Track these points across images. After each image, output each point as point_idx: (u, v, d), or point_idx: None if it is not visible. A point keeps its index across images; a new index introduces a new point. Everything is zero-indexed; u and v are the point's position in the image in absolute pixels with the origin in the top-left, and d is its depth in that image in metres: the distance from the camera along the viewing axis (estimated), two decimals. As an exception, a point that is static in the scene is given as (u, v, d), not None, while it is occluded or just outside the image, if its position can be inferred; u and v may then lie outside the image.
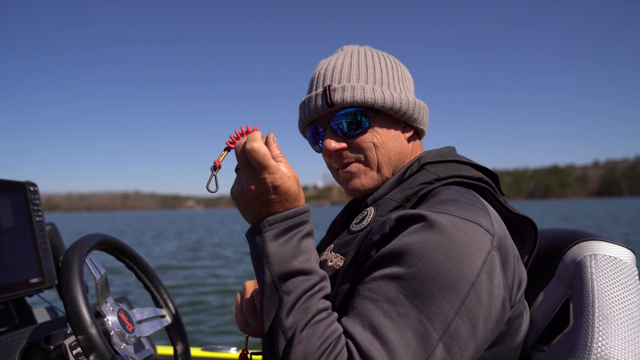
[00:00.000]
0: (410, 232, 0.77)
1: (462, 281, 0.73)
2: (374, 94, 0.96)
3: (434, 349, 0.70)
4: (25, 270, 1.45)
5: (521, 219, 0.96)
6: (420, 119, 1.04)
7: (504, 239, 0.83)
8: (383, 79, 1.00)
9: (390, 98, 0.97)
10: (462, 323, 0.73)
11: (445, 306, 0.72)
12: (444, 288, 0.72)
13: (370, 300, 0.74)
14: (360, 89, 0.97)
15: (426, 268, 0.73)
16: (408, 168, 0.98)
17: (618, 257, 0.93)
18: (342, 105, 0.97)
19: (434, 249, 0.74)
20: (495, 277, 0.77)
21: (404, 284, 0.73)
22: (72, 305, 0.94)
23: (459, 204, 0.83)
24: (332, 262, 0.91)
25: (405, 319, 0.71)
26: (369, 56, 1.03)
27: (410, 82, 1.07)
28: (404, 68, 1.07)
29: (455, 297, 0.72)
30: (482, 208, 0.85)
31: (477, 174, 0.96)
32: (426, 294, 0.72)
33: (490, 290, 0.76)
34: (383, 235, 0.80)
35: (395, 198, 0.92)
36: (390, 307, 0.72)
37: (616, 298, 0.88)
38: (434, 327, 0.71)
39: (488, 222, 0.81)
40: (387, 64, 1.03)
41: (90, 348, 0.93)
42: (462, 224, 0.77)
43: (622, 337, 0.84)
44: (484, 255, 0.76)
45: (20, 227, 1.48)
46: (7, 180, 1.47)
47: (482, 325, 0.75)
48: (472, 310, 0.74)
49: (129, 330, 1.11)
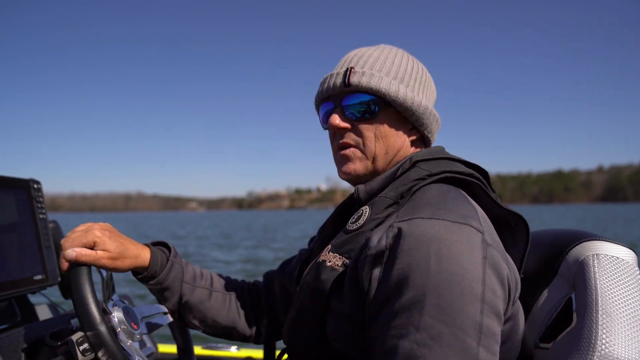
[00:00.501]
0: (408, 249, 0.78)
1: (473, 281, 0.74)
2: (389, 86, 0.99)
3: (477, 355, 0.71)
4: (29, 267, 1.46)
5: (512, 215, 0.97)
6: (428, 125, 1.05)
7: (493, 235, 0.85)
8: (405, 77, 1.02)
9: (403, 94, 0.99)
10: (490, 319, 0.74)
11: (469, 310, 0.73)
12: (461, 294, 0.73)
13: (400, 338, 0.74)
14: (379, 78, 0.99)
15: (436, 281, 0.74)
16: (400, 166, 0.99)
17: (620, 256, 0.95)
18: (357, 88, 0.99)
19: (436, 260, 0.75)
20: (499, 267, 0.79)
21: (422, 305, 0.73)
22: (82, 303, 0.95)
23: (448, 205, 0.84)
24: (330, 263, 0.92)
25: (440, 340, 0.71)
26: (399, 55, 1.06)
27: (431, 91, 1.08)
28: (429, 77, 1.09)
29: (474, 298, 0.73)
30: (469, 208, 0.87)
31: (467, 169, 0.98)
32: (448, 306, 0.72)
33: (501, 279, 0.79)
34: (379, 251, 0.81)
35: (390, 195, 0.93)
36: (422, 334, 0.72)
37: (619, 296, 0.89)
38: (468, 335, 0.71)
39: (477, 221, 0.83)
40: (413, 67, 1.05)
41: (99, 344, 0.94)
42: (454, 227, 0.79)
43: (625, 335, 0.86)
44: (482, 251, 0.78)
45: (23, 224, 1.48)
46: (11, 177, 1.47)
47: (502, 312, 0.78)
48: (493, 304, 0.75)
49: (134, 328, 1.12)
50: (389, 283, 0.78)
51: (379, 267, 0.81)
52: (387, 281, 0.78)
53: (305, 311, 0.96)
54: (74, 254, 0.98)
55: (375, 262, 0.81)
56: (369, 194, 0.99)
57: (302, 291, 0.97)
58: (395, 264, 0.78)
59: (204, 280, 1.23)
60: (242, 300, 1.28)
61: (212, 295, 1.23)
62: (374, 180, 1.00)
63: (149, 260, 1.12)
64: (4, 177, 1.44)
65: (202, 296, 1.20)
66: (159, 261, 1.14)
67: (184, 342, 1.49)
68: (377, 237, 0.83)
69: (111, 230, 1.07)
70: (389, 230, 0.82)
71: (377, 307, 0.80)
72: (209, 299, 1.22)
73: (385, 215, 0.91)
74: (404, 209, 0.88)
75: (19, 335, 1.14)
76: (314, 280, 0.93)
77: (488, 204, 0.97)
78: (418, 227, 0.79)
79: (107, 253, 1.02)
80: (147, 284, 1.15)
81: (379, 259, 0.81)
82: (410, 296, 0.75)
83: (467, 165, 1.00)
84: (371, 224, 0.90)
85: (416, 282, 0.75)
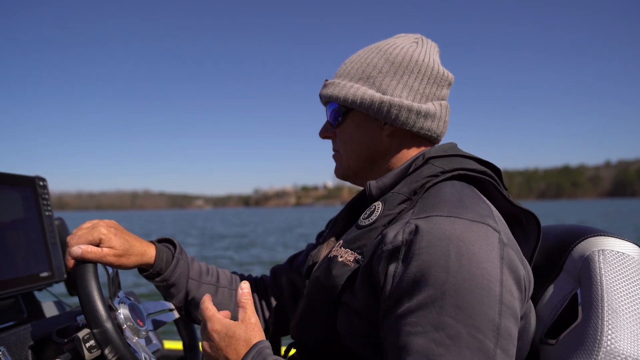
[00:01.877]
0: (427, 246, 0.77)
1: (492, 282, 0.74)
2: (346, 91, 1.01)
3: (495, 357, 0.71)
4: (35, 264, 1.47)
5: (524, 213, 0.97)
6: (400, 119, 0.99)
7: (508, 234, 0.85)
8: (372, 74, 1.01)
9: (361, 96, 1.00)
10: (507, 321, 0.74)
11: (488, 311, 0.72)
12: (480, 295, 0.73)
13: (418, 335, 0.73)
14: (342, 86, 1.03)
15: (456, 280, 0.73)
16: (412, 162, 0.99)
17: (625, 252, 0.94)
18: (325, 99, 1.07)
19: (456, 259, 0.75)
20: (516, 268, 0.79)
21: (441, 304, 0.73)
22: (88, 300, 0.96)
23: (465, 204, 0.84)
24: (342, 258, 0.92)
25: (458, 340, 0.71)
26: (374, 52, 1.03)
27: (419, 81, 1.01)
28: (414, 66, 1.00)
29: (493, 299, 0.73)
30: (485, 206, 0.86)
31: (480, 167, 0.97)
32: (467, 306, 0.72)
33: (517, 280, 0.78)
34: (395, 247, 0.81)
35: (403, 192, 0.92)
36: (440, 334, 0.71)
37: (624, 292, 0.89)
38: (486, 337, 0.71)
39: (493, 220, 0.83)
40: (387, 59, 1.01)
41: (105, 342, 0.95)
42: (473, 226, 0.79)
43: (631, 330, 0.85)
44: (499, 252, 0.78)
45: (30, 221, 1.49)
46: (17, 174, 1.48)
47: (519, 314, 0.78)
48: (510, 306, 0.75)
49: (140, 324, 1.13)
50: (405, 279, 0.77)
51: (394, 263, 0.80)
52: (403, 277, 0.78)
53: (315, 306, 0.96)
54: (80, 250, 0.99)
55: (391, 258, 0.81)
56: (381, 189, 0.99)
57: (312, 286, 0.97)
58: (413, 261, 0.77)
59: (210, 277, 1.23)
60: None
61: (218, 291, 1.23)
62: (386, 176, 1.00)
63: (155, 258, 1.12)
64: (10, 174, 1.45)
65: (208, 292, 1.20)
66: (164, 258, 1.14)
67: (190, 338, 1.49)
68: (394, 233, 0.83)
69: (117, 228, 1.07)
70: (406, 227, 0.82)
71: (392, 302, 0.79)
72: (216, 295, 1.22)
73: (398, 211, 0.90)
74: (420, 206, 0.88)
75: (25, 332, 1.15)
76: (325, 275, 0.93)
77: (500, 202, 0.97)
78: (437, 224, 0.79)
79: (112, 250, 1.03)
80: (153, 281, 1.15)
81: (395, 255, 0.81)
82: (428, 294, 0.74)
83: (479, 163, 0.99)
84: (384, 220, 0.90)
85: (435, 280, 0.74)
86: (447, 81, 1.04)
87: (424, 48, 1.04)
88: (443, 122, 1.04)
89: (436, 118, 1.01)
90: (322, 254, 1.07)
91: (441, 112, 1.02)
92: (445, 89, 1.05)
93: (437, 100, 1.03)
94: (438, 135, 1.04)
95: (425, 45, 1.05)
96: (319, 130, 1.13)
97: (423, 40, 1.06)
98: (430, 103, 1.01)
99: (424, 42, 1.05)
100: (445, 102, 1.05)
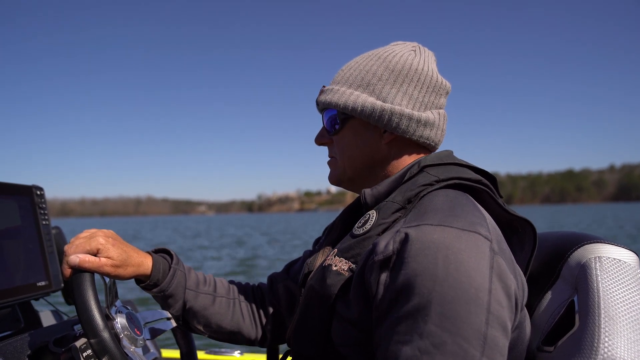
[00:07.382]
0: (415, 255, 0.77)
1: (480, 291, 0.74)
2: (346, 98, 1.02)
3: None
4: (32, 273, 1.46)
5: (519, 221, 0.97)
6: (400, 127, 0.99)
7: (501, 243, 0.85)
8: (371, 81, 1.02)
9: (361, 104, 1.00)
10: (495, 331, 0.73)
11: (474, 320, 0.72)
12: (467, 303, 0.73)
13: (405, 343, 0.74)
14: (341, 93, 1.03)
15: (442, 288, 0.73)
16: (407, 170, 0.99)
17: (622, 259, 0.95)
18: (323, 106, 1.07)
19: (443, 268, 0.75)
20: (506, 278, 0.79)
21: (427, 312, 0.73)
22: (85, 309, 0.95)
23: (456, 212, 0.84)
24: (336, 267, 0.92)
25: (443, 348, 0.71)
26: (373, 59, 1.04)
27: (418, 90, 1.01)
28: (413, 75, 1.01)
29: (480, 308, 0.73)
30: (478, 215, 0.86)
31: (476, 176, 0.97)
32: (453, 315, 0.72)
33: (507, 290, 0.78)
34: (386, 256, 0.81)
35: (397, 200, 0.93)
36: (425, 342, 0.71)
37: (621, 299, 0.89)
38: (472, 345, 0.71)
39: (485, 229, 0.82)
40: (387, 67, 1.01)
41: (103, 351, 0.95)
42: (463, 235, 0.79)
43: (628, 338, 0.85)
44: (489, 260, 0.78)
45: (27, 230, 1.49)
46: (13, 184, 1.48)
47: (509, 325, 0.77)
48: (499, 315, 0.75)
49: (137, 334, 1.12)
50: (394, 288, 0.78)
51: (386, 272, 0.80)
52: (392, 286, 0.78)
53: (310, 315, 0.96)
54: (77, 260, 0.99)
55: (383, 268, 0.81)
56: (376, 197, 0.99)
57: (307, 295, 0.97)
58: (402, 269, 0.77)
59: (207, 286, 1.23)
60: (247, 304, 1.28)
61: (215, 300, 1.23)
62: (381, 184, 1.00)
63: (151, 269, 1.12)
64: (7, 183, 1.45)
65: (205, 302, 1.20)
66: (160, 269, 1.14)
67: (187, 347, 1.49)
68: (385, 242, 0.83)
69: (115, 238, 1.07)
70: (396, 236, 0.82)
71: (382, 312, 0.80)
72: (213, 304, 1.22)
73: (392, 220, 0.91)
74: (412, 215, 0.88)
75: (22, 341, 1.15)
76: (320, 284, 0.93)
77: (496, 210, 0.97)
78: (426, 233, 0.79)
79: (110, 260, 1.03)
80: (150, 292, 1.15)
81: (386, 264, 0.81)
82: (415, 303, 0.74)
83: (475, 171, 1.00)
84: (378, 229, 0.90)
85: (422, 288, 0.74)
86: (445, 90, 1.06)
87: (423, 56, 1.05)
88: (441, 130, 1.05)
89: (435, 126, 1.03)
90: (318, 262, 1.07)
91: (439, 120, 1.04)
92: (443, 97, 1.06)
93: (436, 108, 1.04)
94: (436, 144, 1.06)
95: (424, 53, 1.06)
96: (315, 137, 1.14)
97: (420, 48, 1.07)
98: (429, 111, 1.02)
99: (422, 50, 1.07)
100: (443, 110, 1.06)
